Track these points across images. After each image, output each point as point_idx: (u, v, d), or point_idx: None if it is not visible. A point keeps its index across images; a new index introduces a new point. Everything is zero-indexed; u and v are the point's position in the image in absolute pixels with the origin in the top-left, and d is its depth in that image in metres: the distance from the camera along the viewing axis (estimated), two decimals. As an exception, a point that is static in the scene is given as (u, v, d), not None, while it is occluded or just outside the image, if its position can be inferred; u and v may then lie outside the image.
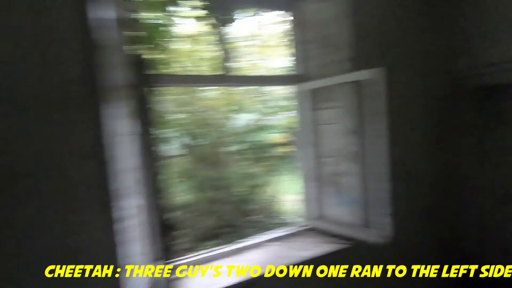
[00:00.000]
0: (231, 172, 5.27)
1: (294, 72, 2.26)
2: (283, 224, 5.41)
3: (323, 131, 2.17)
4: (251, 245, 2.05)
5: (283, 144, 4.26)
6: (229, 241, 4.76)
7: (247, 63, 4.46)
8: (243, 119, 5.02)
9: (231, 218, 5.05)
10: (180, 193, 5.84)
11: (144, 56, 1.61)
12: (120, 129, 1.38)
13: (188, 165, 6.00)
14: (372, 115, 1.87)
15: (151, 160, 1.36)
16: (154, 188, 1.37)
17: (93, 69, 1.31)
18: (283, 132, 4.09)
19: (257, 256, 1.90)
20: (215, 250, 1.97)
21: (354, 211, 2.02)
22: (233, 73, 1.98)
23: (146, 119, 1.54)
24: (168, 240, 1.43)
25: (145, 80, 1.49)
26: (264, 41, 4.80)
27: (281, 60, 5.55)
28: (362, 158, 1.99)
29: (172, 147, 6.61)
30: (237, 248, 2.01)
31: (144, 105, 1.54)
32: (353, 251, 2.00)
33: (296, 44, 2.24)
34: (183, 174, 5.88)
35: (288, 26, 2.27)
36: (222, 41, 1.98)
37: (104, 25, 1.37)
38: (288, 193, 6.49)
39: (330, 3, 2.03)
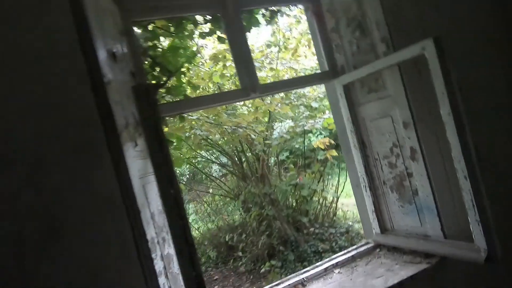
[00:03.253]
0: (278, 185, 5.01)
1: (324, 69, 1.96)
2: (345, 233, 4.97)
3: (371, 128, 1.82)
4: (309, 276, 1.75)
5: (327, 148, 3.90)
6: (287, 259, 4.47)
7: (273, 70, 4.23)
8: (281, 129, 4.77)
9: (286, 234, 4.74)
10: (228, 215, 5.73)
11: (160, 84, 1.47)
12: (141, 170, 1.22)
13: (232, 184, 5.89)
14: (431, 99, 1.49)
15: (171, 200, 1.17)
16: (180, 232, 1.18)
17: (105, 108, 1.18)
18: (326, 135, 3.75)
19: (318, 291, 1.59)
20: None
21: (430, 220, 1.62)
22: (258, 83, 1.76)
23: (165, 155, 1.37)
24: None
25: (161, 110, 1.33)
26: (286, 44, 4.55)
27: (309, 60, 5.23)
28: (428, 154, 1.61)
29: (213, 169, 6.59)
30: (294, 282, 1.72)
31: (161, 140, 1.38)
32: (439, 271, 1.59)
33: (321, 37, 1.95)
34: (228, 195, 5.78)
35: (308, 21, 2.00)
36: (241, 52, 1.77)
37: (113, 61, 1.24)
38: (345, 197, 6.02)
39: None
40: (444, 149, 1.59)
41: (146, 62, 1.62)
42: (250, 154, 5.10)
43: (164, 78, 1.62)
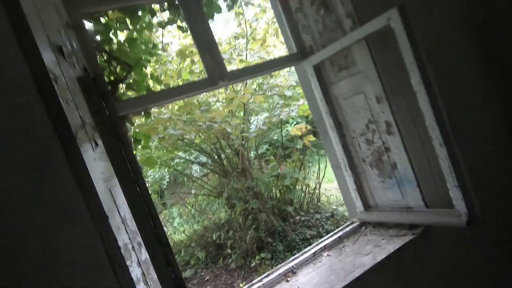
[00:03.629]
0: (260, 178, 4.96)
1: (292, 51, 1.91)
2: (330, 217, 5.03)
3: (345, 106, 1.80)
4: (298, 262, 1.71)
5: (304, 134, 3.89)
6: (276, 250, 4.46)
7: (243, 62, 4.14)
8: (257, 121, 4.70)
9: (273, 226, 4.72)
10: (213, 214, 5.63)
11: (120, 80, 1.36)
12: (105, 173, 1.11)
13: (214, 183, 5.79)
14: (402, 71, 1.48)
15: (138, 199, 1.07)
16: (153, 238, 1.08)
17: (53, 108, 1.05)
18: (302, 122, 3.74)
19: (308, 278, 1.56)
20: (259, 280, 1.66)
21: (411, 192, 1.63)
22: (225, 71, 1.67)
23: (126, 151, 1.26)
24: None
25: (122, 107, 1.22)
26: (254, 35, 4.48)
27: (279, 50, 5.19)
28: (403, 127, 1.60)
29: (193, 169, 6.44)
30: (284, 271, 1.68)
31: (119, 135, 1.27)
32: (424, 240, 1.60)
33: (286, 18, 1.89)
34: (211, 193, 5.68)
35: (272, 3, 1.94)
36: (205, 39, 1.67)
37: (61, 56, 1.12)
38: (327, 183, 6.11)
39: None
40: (418, 119, 1.60)
41: (101, 57, 1.50)
42: (229, 150, 5.01)
43: (124, 73, 1.51)
